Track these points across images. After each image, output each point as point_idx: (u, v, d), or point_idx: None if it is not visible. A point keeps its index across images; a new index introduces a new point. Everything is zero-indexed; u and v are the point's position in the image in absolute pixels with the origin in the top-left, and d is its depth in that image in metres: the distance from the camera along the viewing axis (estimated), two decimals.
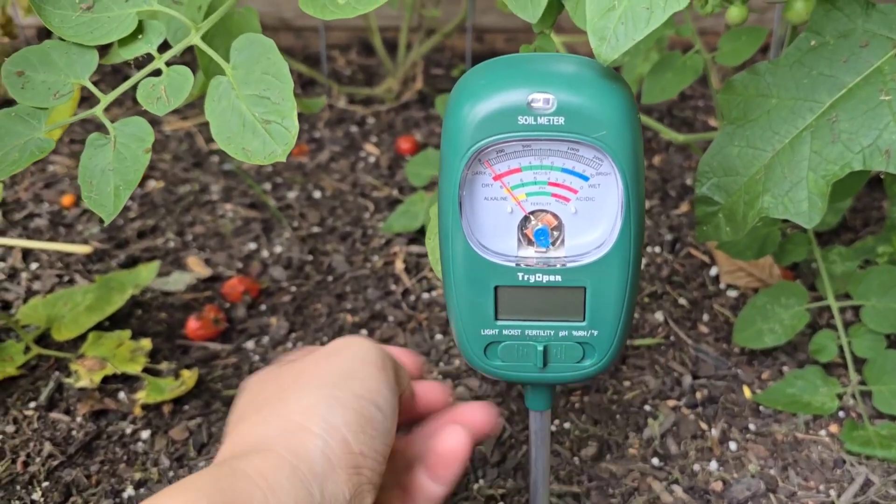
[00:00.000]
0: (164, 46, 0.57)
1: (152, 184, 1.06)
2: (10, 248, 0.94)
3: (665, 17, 0.46)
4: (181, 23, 0.58)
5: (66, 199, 1.02)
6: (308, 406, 0.48)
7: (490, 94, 0.47)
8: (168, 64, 0.56)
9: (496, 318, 0.52)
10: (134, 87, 0.56)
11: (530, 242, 0.51)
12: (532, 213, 0.50)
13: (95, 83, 0.56)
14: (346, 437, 0.47)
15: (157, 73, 0.56)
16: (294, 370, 0.52)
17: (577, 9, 0.56)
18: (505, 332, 0.53)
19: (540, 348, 0.52)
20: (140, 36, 0.56)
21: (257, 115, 0.53)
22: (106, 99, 0.56)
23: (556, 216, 0.50)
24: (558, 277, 0.51)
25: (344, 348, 0.53)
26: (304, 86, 1.28)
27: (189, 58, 0.58)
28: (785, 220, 0.61)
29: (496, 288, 0.51)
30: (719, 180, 0.64)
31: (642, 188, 0.49)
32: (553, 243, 0.51)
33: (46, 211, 1.00)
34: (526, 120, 0.47)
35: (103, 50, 0.57)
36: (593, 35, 0.47)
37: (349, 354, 0.52)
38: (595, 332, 0.52)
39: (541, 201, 0.50)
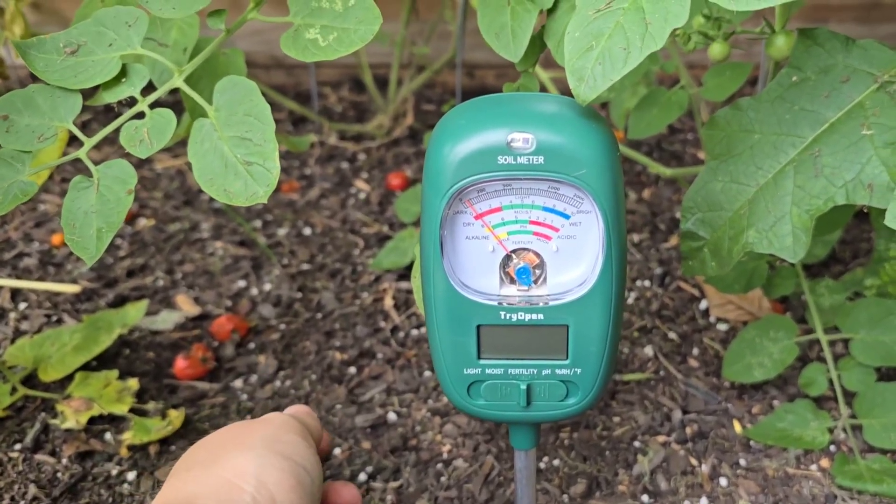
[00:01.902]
0: (149, 88, 0.58)
1: (143, 222, 1.06)
2: None
3: (642, 57, 0.47)
4: (165, 65, 0.58)
5: (56, 238, 1.01)
6: (239, 465, 0.49)
7: (470, 133, 0.47)
8: (156, 105, 0.57)
9: (479, 357, 0.52)
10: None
11: (512, 281, 0.51)
12: (514, 251, 0.50)
13: (88, 122, 0.56)
14: (275, 497, 0.48)
15: (141, 115, 0.56)
16: (222, 437, 0.54)
17: (559, 48, 0.56)
18: (488, 371, 0.52)
19: (523, 387, 0.52)
20: (123, 79, 0.56)
21: (239, 157, 0.53)
22: (89, 142, 0.56)
23: (537, 254, 0.50)
24: (541, 316, 0.51)
25: (267, 419, 0.56)
26: (296, 123, 1.29)
27: (179, 97, 0.59)
28: (772, 254, 0.61)
29: (478, 327, 0.51)
30: (704, 215, 0.64)
31: (623, 226, 0.49)
32: (535, 282, 0.51)
33: (36, 250, 1.00)
34: (506, 159, 0.47)
35: (90, 91, 0.58)
36: (571, 75, 0.48)
37: (273, 424, 0.55)
38: (578, 371, 0.52)
39: (522, 240, 0.50)
